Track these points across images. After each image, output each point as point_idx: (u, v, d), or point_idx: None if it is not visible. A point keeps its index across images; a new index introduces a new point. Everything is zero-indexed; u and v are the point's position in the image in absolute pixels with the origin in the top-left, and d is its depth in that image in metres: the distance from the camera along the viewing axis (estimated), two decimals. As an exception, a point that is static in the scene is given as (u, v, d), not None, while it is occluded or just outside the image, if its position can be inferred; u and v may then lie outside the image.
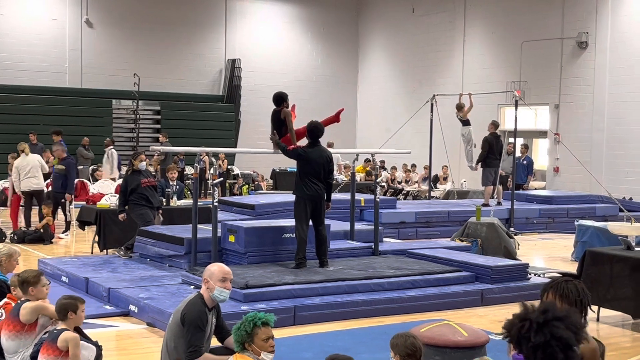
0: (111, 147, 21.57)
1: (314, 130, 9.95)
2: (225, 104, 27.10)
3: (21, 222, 15.26)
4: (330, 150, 10.63)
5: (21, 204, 15.27)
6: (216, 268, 5.51)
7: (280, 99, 10.18)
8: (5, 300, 6.69)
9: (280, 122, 10.16)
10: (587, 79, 22.13)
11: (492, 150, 16.66)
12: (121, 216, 11.72)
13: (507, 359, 3.45)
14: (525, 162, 20.44)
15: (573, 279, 4.25)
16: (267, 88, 28.03)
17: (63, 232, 14.92)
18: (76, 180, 17.12)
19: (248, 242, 10.16)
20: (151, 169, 20.33)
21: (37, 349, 5.96)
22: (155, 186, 12.51)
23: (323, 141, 10.32)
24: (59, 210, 14.96)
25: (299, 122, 10.56)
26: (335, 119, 10.71)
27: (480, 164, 17.05)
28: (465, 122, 17.70)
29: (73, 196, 15.13)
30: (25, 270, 6.68)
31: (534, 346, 2.91)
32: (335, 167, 24.18)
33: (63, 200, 14.68)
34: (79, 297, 6.07)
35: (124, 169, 16.34)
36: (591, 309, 4.42)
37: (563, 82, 22.74)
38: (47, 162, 16.26)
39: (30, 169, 14.89)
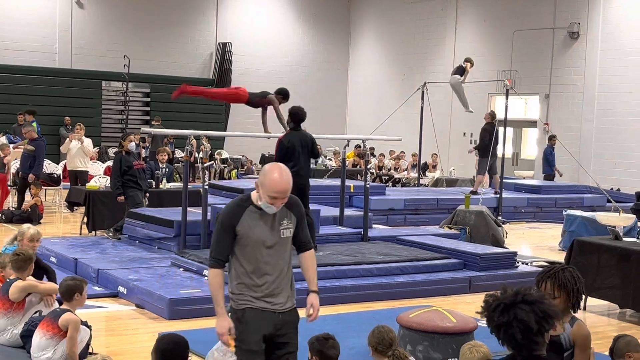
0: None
1: (297, 114, 9.95)
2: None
3: (8, 202, 15.24)
4: (316, 135, 10.65)
5: (8, 184, 15.24)
6: (270, 181, 4.29)
7: (281, 90, 10.49)
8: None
9: (260, 100, 10.52)
10: (577, 70, 22.18)
11: (490, 140, 16.69)
12: (120, 198, 11.64)
13: (496, 345, 3.48)
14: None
15: (567, 266, 4.31)
16: (257, 72, 28.00)
17: None
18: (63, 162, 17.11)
19: (237, 226, 10.15)
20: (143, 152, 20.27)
21: (27, 328, 5.99)
22: (144, 169, 12.53)
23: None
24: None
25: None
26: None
27: (476, 152, 17.10)
28: (459, 72, 17.66)
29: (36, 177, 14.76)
30: (21, 249, 6.71)
31: (497, 325, 3.06)
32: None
33: (30, 182, 14.57)
34: (83, 278, 6.14)
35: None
36: (585, 295, 4.48)
37: (554, 72, 22.78)
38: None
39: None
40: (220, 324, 4.27)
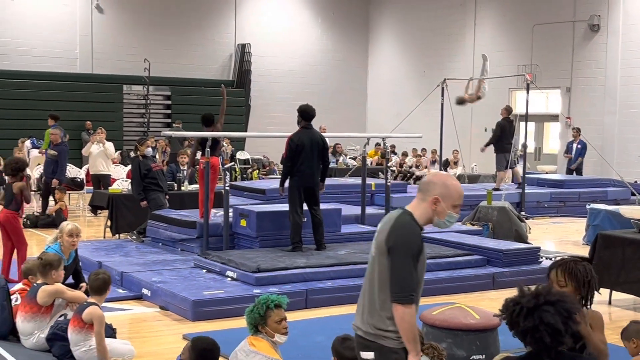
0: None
1: (307, 111, 9.92)
2: (236, 89, 27.05)
3: (33, 207, 15.38)
4: (332, 134, 10.60)
5: (33, 189, 15.38)
6: (455, 189, 3.92)
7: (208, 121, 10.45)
8: (20, 286, 6.80)
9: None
10: (598, 62, 22.01)
11: (505, 135, 16.61)
12: (143, 203, 11.69)
13: (518, 343, 3.45)
14: (579, 146, 19.98)
15: (582, 260, 4.27)
16: (277, 72, 28.05)
17: None
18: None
19: (260, 227, 10.20)
20: (157, 156, 20.35)
21: (52, 332, 6.06)
22: (163, 170, 12.59)
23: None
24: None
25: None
26: None
27: (492, 147, 17.00)
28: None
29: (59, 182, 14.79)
30: (45, 253, 6.78)
31: (523, 330, 2.99)
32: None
33: (53, 187, 14.66)
34: (106, 270, 6.28)
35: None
36: (598, 292, 4.43)
37: (575, 66, 22.62)
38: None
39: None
40: None
